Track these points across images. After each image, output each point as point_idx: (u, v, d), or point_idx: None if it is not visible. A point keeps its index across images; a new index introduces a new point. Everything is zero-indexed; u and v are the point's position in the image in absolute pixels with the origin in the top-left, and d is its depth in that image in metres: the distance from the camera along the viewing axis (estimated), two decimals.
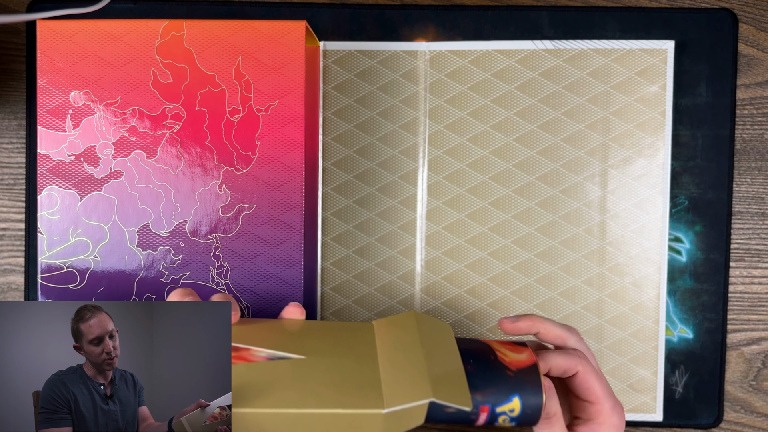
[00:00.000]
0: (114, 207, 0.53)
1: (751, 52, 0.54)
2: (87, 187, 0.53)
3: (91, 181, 0.53)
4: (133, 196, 0.53)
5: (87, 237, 0.53)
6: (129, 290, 0.53)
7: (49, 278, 0.53)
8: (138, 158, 0.53)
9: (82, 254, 0.53)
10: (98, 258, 0.53)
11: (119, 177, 0.53)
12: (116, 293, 0.53)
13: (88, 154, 0.52)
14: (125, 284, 0.53)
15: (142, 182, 0.53)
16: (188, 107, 0.52)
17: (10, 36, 0.56)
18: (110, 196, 0.53)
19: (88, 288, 0.53)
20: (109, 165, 0.52)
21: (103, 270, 0.53)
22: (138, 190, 0.53)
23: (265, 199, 0.52)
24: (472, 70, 0.55)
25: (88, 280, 0.53)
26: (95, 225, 0.53)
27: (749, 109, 0.55)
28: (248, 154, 0.52)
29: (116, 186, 0.53)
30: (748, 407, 0.55)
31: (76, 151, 0.52)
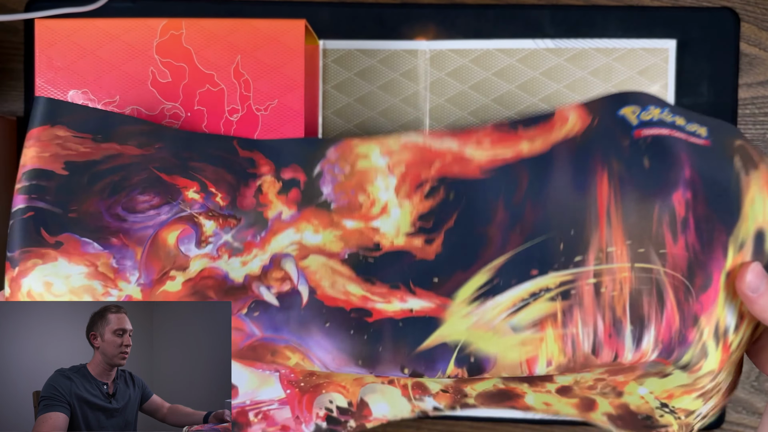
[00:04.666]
0: None
1: (753, 51, 0.54)
2: None
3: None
4: None
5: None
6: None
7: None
8: None
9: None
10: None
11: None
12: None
13: None
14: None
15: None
16: (187, 106, 0.52)
17: (8, 35, 0.56)
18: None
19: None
20: None
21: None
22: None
23: None
24: (472, 69, 0.54)
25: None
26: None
27: (751, 108, 0.54)
28: None
29: None
30: (750, 408, 0.55)
31: None
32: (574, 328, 0.38)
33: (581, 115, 0.41)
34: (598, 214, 0.39)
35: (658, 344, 0.38)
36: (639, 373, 0.40)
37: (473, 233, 0.41)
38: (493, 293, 0.39)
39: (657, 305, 0.38)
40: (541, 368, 0.38)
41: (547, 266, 0.39)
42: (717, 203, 0.38)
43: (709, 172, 0.39)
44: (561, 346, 0.38)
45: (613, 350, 0.38)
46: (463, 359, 0.39)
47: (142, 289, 0.43)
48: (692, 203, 0.38)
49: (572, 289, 0.39)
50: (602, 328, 0.38)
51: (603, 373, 0.40)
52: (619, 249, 0.38)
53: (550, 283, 0.39)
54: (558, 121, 0.41)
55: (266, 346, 0.41)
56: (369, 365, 0.40)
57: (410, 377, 0.40)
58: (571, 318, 0.38)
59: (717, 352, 0.39)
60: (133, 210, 0.43)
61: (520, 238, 0.40)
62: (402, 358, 0.40)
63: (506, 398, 0.45)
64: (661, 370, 0.39)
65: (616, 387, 0.42)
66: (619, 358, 0.38)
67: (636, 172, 0.39)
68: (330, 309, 0.40)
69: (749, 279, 0.37)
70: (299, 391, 0.47)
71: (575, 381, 0.42)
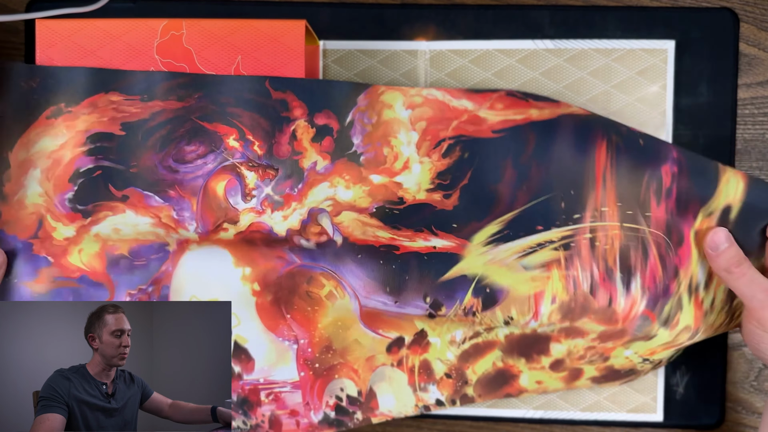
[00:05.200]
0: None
1: (752, 51, 0.54)
2: None
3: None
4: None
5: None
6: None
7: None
8: None
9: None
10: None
11: None
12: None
13: None
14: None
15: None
16: None
17: (8, 35, 0.56)
18: None
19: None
20: None
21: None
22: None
23: None
24: (472, 69, 0.54)
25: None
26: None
27: (750, 108, 0.55)
28: None
29: None
30: (749, 408, 0.55)
31: None
32: (575, 271, 0.46)
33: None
34: (596, 177, 0.46)
35: (645, 291, 0.46)
36: (627, 338, 0.47)
37: (486, 190, 0.47)
38: (505, 240, 0.47)
39: (642, 258, 0.46)
40: (546, 305, 0.46)
41: (550, 223, 0.47)
42: (698, 179, 0.46)
43: (694, 154, 0.47)
44: (564, 284, 0.46)
45: (608, 292, 0.46)
46: (480, 290, 0.47)
47: (200, 236, 0.49)
48: (677, 176, 0.46)
49: (572, 242, 0.47)
50: (597, 274, 0.46)
51: (594, 340, 0.47)
52: (611, 209, 0.46)
53: (553, 237, 0.47)
54: (564, 105, 0.48)
55: (304, 272, 0.48)
56: (395, 292, 0.48)
57: (430, 308, 0.48)
58: (572, 263, 0.46)
59: (690, 306, 0.47)
60: (182, 160, 0.49)
61: (527, 196, 0.47)
62: (426, 287, 0.47)
63: (503, 381, 0.50)
64: (648, 332, 0.47)
65: (604, 353, 0.49)
66: (613, 302, 0.46)
67: (631, 146, 0.46)
68: (361, 246, 0.48)
69: (710, 238, 0.45)
70: (313, 374, 0.50)
71: (568, 352, 0.49)
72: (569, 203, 0.47)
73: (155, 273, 0.49)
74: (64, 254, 0.49)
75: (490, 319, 0.48)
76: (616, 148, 0.46)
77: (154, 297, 0.49)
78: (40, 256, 0.49)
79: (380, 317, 0.49)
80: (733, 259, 0.45)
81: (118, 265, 0.49)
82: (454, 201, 0.48)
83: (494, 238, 0.47)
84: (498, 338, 0.49)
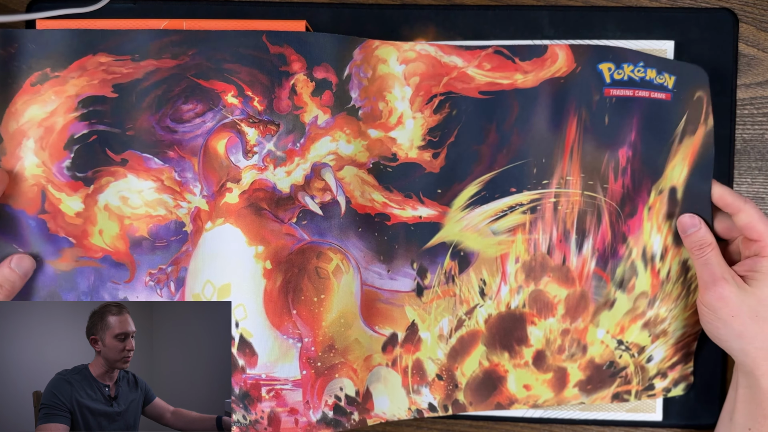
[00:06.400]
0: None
1: (751, 51, 0.54)
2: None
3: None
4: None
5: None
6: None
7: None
8: None
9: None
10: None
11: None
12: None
13: None
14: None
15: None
16: None
17: None
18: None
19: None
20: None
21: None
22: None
23: None
24: None
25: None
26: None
27: (749, 108, 0.55)
28: None
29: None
30: None
31: None
32: (536, 235, 0.52)
33: (568, 58, 0.51)
34: (564, 149, 0.52)
35: (594, 251, 0.52)
36: (591, 308, 0.53)
37: (469, 149, 0.51)
38: (481, 203, 0.52)
39: (596, 222, 0.52)
40: (511, 264, 0.52)
41: (523, 186, 0.52)
42: (649, 163, 0.52)
43: (651, 135, 0.52)
44: (526, 247, 0.52)
45: (562, 252, 0.52)
46: (456, 254, 0.52)
47: (207, 201, 0.49)
48: (632, 159, 0.52)
49: (539, 205, 0.52)
50: (556, 236, 0.52)
51: (564, 318, 0.53)
52: (575, 179, 0.52)
53: (524, 200, 0.52)
54: (549, 58, 0.51)
55: (313, 248, 0.50)
56: (387, 261, 0.51)
57: (417, 275, 0.52)
58: (535, 227, 0.52)
59: (647, 273, 0.53)
60: (180, 120, 0.48)
61: (505, 159, 0.51)
62: (412, 254, 0.52)
63: (492, 386, 0.53)
64: (606, 295, 0.53)
65: (580, 340, 0.53)
66: (567, 260, 0.52)
67: (597, 126, 0.51)
68: (361, 216, 0.50)
69: (679, 221, 0.52)
70: (315, 373, 0.50)
71: (546, 341, 0.53)
72: (540, 169, 0.52)
73: (176, 253, 0.49)
74: (85, 236, 0.49)
75: (467, 287, 0.52)
76: (584, 127, 0.51)
77: (171, 278, 0.49)
78: (59, 237, 0.49)
79: (376, 306, 0.51)
80: (695, 244, 0.50)
81: (140, 246, 0.49)
82: (441, 161, 0.51)
83: (471, 200, 0.51)
84: (479, 326, 0.52)
